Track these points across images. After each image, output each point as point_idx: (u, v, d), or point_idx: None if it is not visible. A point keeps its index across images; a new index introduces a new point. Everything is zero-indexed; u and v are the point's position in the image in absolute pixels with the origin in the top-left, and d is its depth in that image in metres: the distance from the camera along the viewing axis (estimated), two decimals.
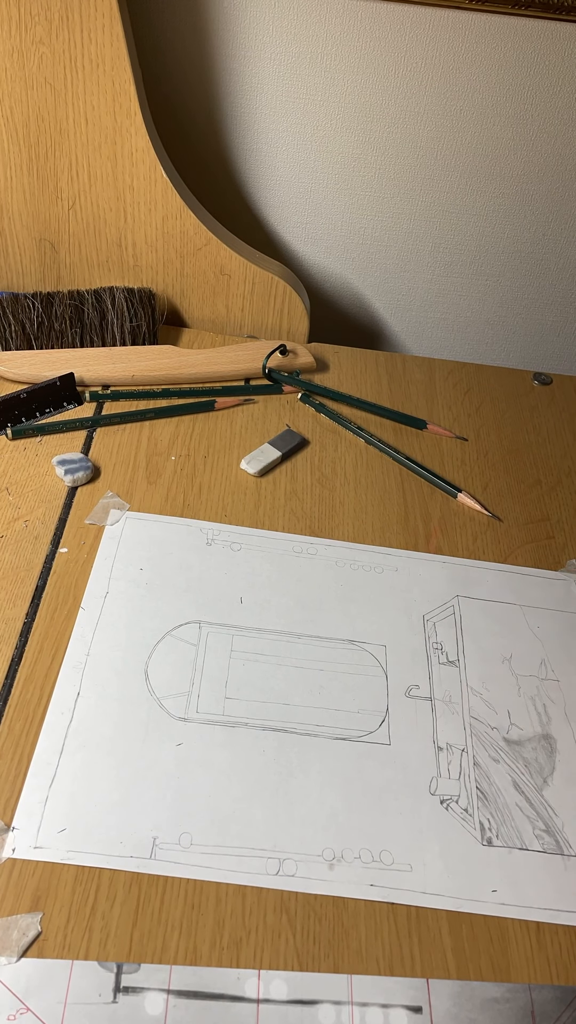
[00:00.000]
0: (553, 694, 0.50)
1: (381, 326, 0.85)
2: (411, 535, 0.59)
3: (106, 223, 0.67)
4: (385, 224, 0.76)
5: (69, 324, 0.66)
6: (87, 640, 0.49)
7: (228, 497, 0.59)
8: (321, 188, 0.73)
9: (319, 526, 0.58)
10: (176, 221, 0.66)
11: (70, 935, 0.38)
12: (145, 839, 0.41)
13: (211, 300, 0.72)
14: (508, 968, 0.39)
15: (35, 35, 0.57)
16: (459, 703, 0.49)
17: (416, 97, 0.67)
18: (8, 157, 0.64)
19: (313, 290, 0.81)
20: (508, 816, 0.45)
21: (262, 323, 0.73)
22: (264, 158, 0.71)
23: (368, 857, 0.42)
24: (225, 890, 0.40)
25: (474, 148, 0.70)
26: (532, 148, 0.69)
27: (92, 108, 0.61)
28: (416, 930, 0.40)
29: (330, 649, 0.51)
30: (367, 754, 0.46)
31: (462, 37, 0.63)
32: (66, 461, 0.57)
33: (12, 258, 0.70)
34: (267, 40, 0.64)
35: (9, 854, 0.40)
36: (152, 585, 0.52)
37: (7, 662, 0.47)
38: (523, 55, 0.64)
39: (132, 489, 0.58)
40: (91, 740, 0.44)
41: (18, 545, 0.53)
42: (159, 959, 0.38)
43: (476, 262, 0.79)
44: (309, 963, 0.38)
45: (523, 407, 0.72)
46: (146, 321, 0.67)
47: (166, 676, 0.48)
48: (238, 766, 0.45)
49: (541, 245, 0.77)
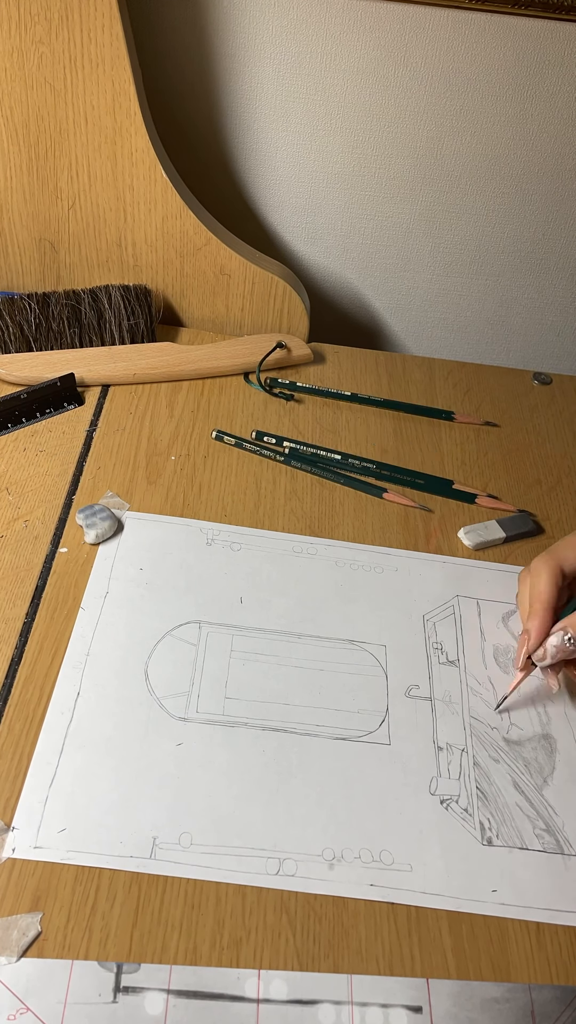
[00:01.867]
0: (553, 694, 0.50)
1: (381, 326, 0.85)
2: (411, 535, 0.59)
3: (106, 223, 0.67)
4: (385, 224, 0.76)
5: (67, 324, 0.66)
6: (87, 640, 0.49)
7: (228, 497, 0.59)
8: (321, 188, 0.73)
9: (319, 526, 0.58)
10: (176, 221, 0.66)
11: (70, 935, 0.38)
12: (145, 839, 0.41)
13: (211, 300, 0.72)
14: (508, 968, 0.39)
15: (35, 35, 0.57)
16: (459, 703, 0.49)
17: (416, 97, 0.67)
18: (8, 157, 0.64)
19: (313, 290, 0.81)
20: (508, 816, 0.45)
21: (262, 323, 0.73)
22: (264, 158, 0.71)
23: (368, 857, 0.42)
24: (225, 890, 0.40)
25: (474, 148, 0.70)
26: (532, 148, 0.69)
27: (92, 108, 0.61)
28: (416, 930, 0.40)
29: (330, 649, 0.51)
30: (367, 754, 0.46)
31: (462, 37, 0.63)
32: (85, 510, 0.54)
33: (12, 258, 0.70)
34: (267, 40, 0.64)
35: (9, 854, 0.40)
36: (152, 585, 0.52)
37: (7, 662, 0.47)
38: (523, 55, 0.64)
39: (132, 489, 0.58)
40: (91, 740, 0.44)
41: (18, 545, 0.53)
42: (159, 959, 0.38)
43: (476, 262, 0.79)
44: (309, 963, 0.38)
45: (523, 407, 0.72)
46: (144, 318, 0.67)
47: (166, 676, 0.48)
48: (238, 766, 0.45)
49: (541, 245, 0.77)
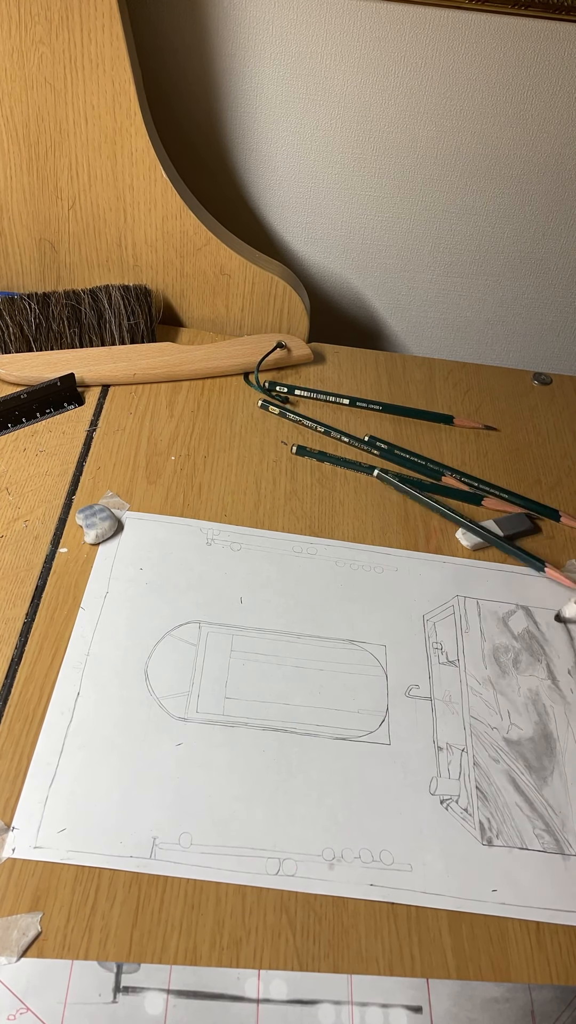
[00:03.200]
0: (553, 694, 0.50)
1: (381, 326, 0.85)
2: (411, 535, 0.59)
3: (106, 223, 0.67)
4: (385, 224, 0.76)
5: (67, 324, 0.66)
6: (87, 640, 0.49)
7: (228, 497, 0.59)
8: (321, 188, 0.73)
9: (319, 526, 0.58)
10: (176, 221, 0.66)
11: (70, 935, 0.38)
12: (145, 839, 0.41)
13: (211, 300, 0.72)
14: (508, 968, 0.39)
15: (35, 35, 0.57)
16: (459, 703, 0.49)
17: (416, 97, 0.67)
18: (8, 157, 0.64)
19: (313, 290, 0.81)
20: (508, 816, 0.45)
21: (262, 323, 0.73)
22: (264, 158, 0.71)
23: (368, 857, 0.42)
24: (225, 890, 0.40)
25: (474, 148, 0.70)
26: (532, 148, 0.69)
27: (92, 108, 0.61)
28: (416, 930, 0.40)
29: (330, 649, 0.51)
30: (367, 754, 0.46)
31: (462, 37, 0.63)
32: (85, 510, 0.55)
33: (12, 258, 0.70)
34: (267, 40, 0.64)
35: (9, 854, 0.40)
36: (152, 585, 0.52)
37: (7, 662, 0.47)
38: (523, 55, 0.64)
39: (132, 489, 0.58)
40: (91, 740, 0.44)
41: (18, 545, 0.53)
42: (159, 959, 0.38)
43: (476, 262, 0.79)
44: (309, 963, 0.38)
45: (523, 407, 0.72)
46: (144, 318, 0.67)
47: (166, 676, 0.48)
48: (238, 766, 0.45)
49: (541, 245, 0.77)
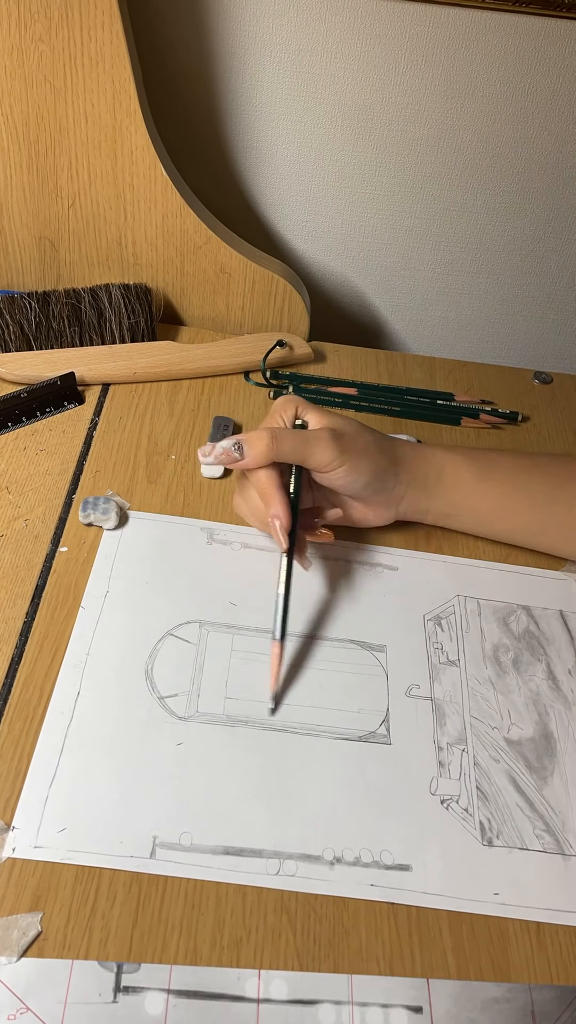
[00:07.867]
0: (554, 694, 0.50)
1: (381, 324, 0.85)
2: (411, 535, 0.58)
3: (106, 221, 0.67)
4: (385, 222, 0.76)
5: (67, 323, 0.65)
6: (87, 640, 0.49)
7: (228, 496, 0.59)
8: (321, 186, 0.73)
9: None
10: (176, 219, 0.66)
11: (70, 935, 0.38)
12: (145, 839, 0.41)
13: (211, 298, 0.72)
14: (508, 968, 0.39)
15: (35, 33, 0.57)
16: (459, 703, 0.49)
17: (416, 95, 0.66)
18: (8, 155, 0.63)
19: (313, 288, 0.81)
20: (508, 816, 0.44)
21: (262, 321, 0.73)
22: (264, 156, 0.71)
23: (368, 857, 0.42)
24: (225, 890, 0.40)
25: (475, 145, 0.69)
26: (533, 146, 0.69)
27: (92, 106, 0.60)
28: (416, 930, 0.40)
29: (330, 649, 0.51)
30: (367, 754, 0.46)
31: (462, 34, 0.63)
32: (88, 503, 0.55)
33: (12, 256, 0.70)
34: (267, 38, 0.64)
35: (9, 854, 0.40)
36: (152, 584, 0.52)
37: (7, 662, 0.47)
38: (524, 52, 0.63)
39: (132, 488, 0.58)
40: (91, 740, 0.44)
41: (18, 545, 0.53)
42: (159, 959, 0.38)
43: (477, 260, 0.78)
44: (309, 963, 0.38)
45: (523, 406, 0.71)
46: (144, 317, 0.67)
47: (166, 675, 0.48)
48: (238, 766, 0.45)
49: (542, 243, 0.76)
